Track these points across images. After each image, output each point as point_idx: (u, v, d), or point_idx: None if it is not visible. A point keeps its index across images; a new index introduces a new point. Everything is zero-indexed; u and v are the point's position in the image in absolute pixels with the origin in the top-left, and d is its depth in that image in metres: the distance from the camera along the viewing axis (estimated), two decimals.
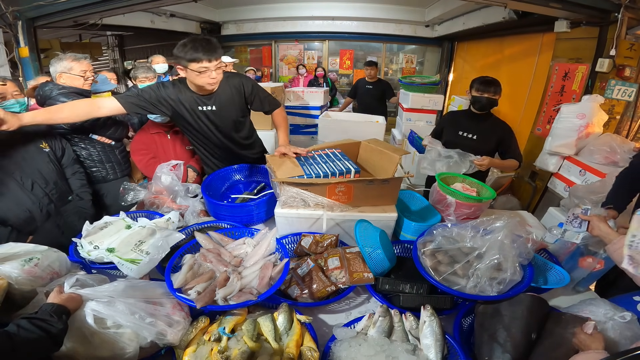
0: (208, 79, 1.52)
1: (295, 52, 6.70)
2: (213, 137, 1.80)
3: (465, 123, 2.09)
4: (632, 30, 2.35)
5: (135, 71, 2.83)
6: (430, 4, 5.16)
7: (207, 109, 1.67)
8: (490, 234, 1.16)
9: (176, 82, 1.66)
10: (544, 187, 2.87)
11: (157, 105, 1.63)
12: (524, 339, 0.93)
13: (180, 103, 1.64)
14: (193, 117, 1.68)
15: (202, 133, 1.77)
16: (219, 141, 1.82)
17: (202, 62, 1.47)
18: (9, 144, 1.53)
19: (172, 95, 1.63)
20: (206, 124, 1.73)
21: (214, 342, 0.94)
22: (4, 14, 2.77)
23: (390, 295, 1.18)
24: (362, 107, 4.45)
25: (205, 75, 1.50)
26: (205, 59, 1.46)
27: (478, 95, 1.95)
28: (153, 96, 1.62)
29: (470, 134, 2.04)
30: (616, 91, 2.44)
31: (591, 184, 2.07)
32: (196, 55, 1.45)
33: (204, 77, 1.51)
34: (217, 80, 1.57)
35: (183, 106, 1.65)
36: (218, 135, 1.79)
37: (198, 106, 1.66)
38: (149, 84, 2.75)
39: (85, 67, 1.96)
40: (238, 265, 1.20)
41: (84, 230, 1.36)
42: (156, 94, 1.62)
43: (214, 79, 1.53)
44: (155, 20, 4.90)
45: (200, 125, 1.73)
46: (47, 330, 0.77)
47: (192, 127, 1.74)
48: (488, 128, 2.01)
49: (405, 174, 2.35)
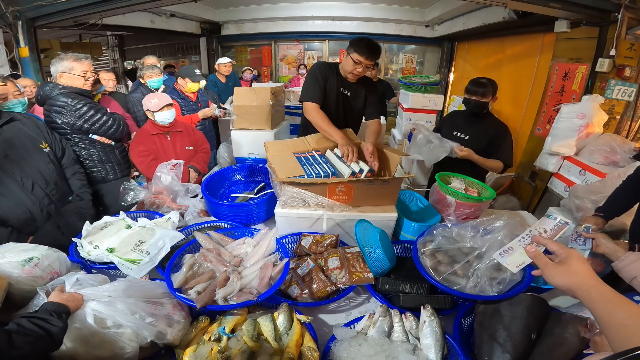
0: (355, 70, 1.80)
1: (295, 52, 6.70)
2: (340, 117, 2.01)
3: (460, 123, 2.09)
4: (632, 30, 2.36)
5: (141, 70, 2.94)
6: (430, 4, 5.16)
7: (345, 92, 1.97)
8: (490, 234, 1.16)
9: (333, 64, 1.97)
10: (544, 187, 2.88)
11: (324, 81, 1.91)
12: (524, 339, 0.93)
13: (329, 78, 1.93)
14: (335, 94, 1.97)
15: (332, 108, 1.98)
16: (342, 122, 2.01)
17: (362, 57, 1.74)
18: (9, 144, 1.53)
19: (328, 74, 1.92)
20: (336, 103, 1.99)
21: (214, 342, 0.93)
22: (4, 14, 2.77)
23: (390, 295, 1.18)
24: None
25: (355, 67, 1.79)
26: (365, 57, 1.75)
27: (467, 98, 1.97)
28: (323, 77, 1.89)
29: (463, 134, 2.05)
30: (616, 91, 2.44)
31: (591, 184, 2.07)
32: (360, 49, 1.74)
33: (352, 67, 1.79)
34: (359, 75, 1.87)
35: (330, 82, 1.93)
36: (341, 117, 2.02)
37: (341, 87, 1.96)
38: (158, 79, 2.83)
39: (87, 68, 1.97)
40: (238, 265, 1.20)
41: (84, 230, 1.36)
42: (323, 74, 1.90)
43: (358, 73, 1.83)
44: (155, 20, 4.90)
45: (337, 103, 1.99)
46: (46, 329, 0.77)
47: (330, 101, 1.96)
48: (481, 128, 2.00)
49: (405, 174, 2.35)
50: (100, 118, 1.98)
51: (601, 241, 1.13)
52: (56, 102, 1.86)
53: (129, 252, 1.26)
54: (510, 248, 0.86)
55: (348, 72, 1.84)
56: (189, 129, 2.20)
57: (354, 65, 1.78)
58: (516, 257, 0.83)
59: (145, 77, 2.85)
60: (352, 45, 1.77)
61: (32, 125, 1.68)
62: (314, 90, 1.86)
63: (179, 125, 2.14)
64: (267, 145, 1.66)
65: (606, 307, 0.58)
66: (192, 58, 6.90)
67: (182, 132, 2.13)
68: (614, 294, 0.59)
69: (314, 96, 1.84)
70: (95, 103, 2.06)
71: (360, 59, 1.75)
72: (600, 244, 1.13)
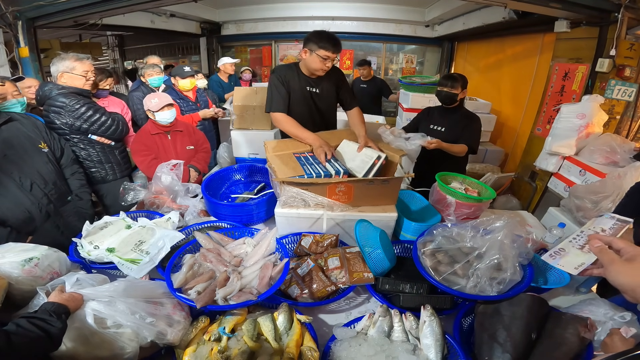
0: (323, 66, 1.77)
1: (295, 52, 6.69)
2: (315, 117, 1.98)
3: (436, 117, 2.26)
4: (632, 30, 2.36)
5: (142, 69, 2.94)
6: (430, 4, 5.15)
7: (313, 90, 1.92)
8: (490, 234, 1.16)
9: (292, 65, 1.93)
10: (544, 187, 2.87)
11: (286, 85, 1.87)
12: (524, 339, 0.92)
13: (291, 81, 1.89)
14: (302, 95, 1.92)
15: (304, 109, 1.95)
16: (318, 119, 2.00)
17: (329, 52, 1.72)
18: (7, 144, 1.53)
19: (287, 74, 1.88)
20: (307, 102, 1.94)
21: (214, 342, 0.93)
22: (4, 14, 2.77)
23: (390, 295, 1.18)
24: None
25: (323, 62, 1.76)
26: (332, 51, 1.72)
27: (438, 90, 2.16)
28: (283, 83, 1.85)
29: (439, 127, 2.22)
30: (616, 91, 2.44)
31: (591, 184, 2.07)
32: (328, 45, 1.71)
33: (321, 64, 1.76)
34: (326, 70, 1.84)
35: (294, 84, 1.89)
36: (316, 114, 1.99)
37: (307, 87, 1.91)
38: (158, 77, 2.83)
39: (87, 68, 1.97)
40: (238, 265, 1.20)
41: (84, 230, 1.36)
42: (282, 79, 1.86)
43: (327, 68, 1.81)
44: (155, 20, 4.90)
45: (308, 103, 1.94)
46: (45, 330, 0.77)
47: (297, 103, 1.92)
48: (456, 120, 2.16)
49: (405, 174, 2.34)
50: (99, 118, 1.98)
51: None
52: (55, 103, 1.86)
53: (129, 252, 1.26)
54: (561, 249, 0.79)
55: (317, 70, 1.81)
56: (190, 129, 2.20)
57: (323, 62, 1.75)
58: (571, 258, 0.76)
59: (146, 76, 2.85)
60: (314, 42, 1.73)
61: (31, 125, 1.68)
62: (277, 99, 1.84)
63: (180, 125, 2.14)
64: (267, 145, 1.66)
65: None
66: (192, 58, 6.90)
67: (183, 131, 2.13)
68: None
69: (278, 106, 1.82)
70: (94, 103, 2.06)
71: (328, 54, 1.72)
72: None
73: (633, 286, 0.59)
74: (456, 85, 2.09)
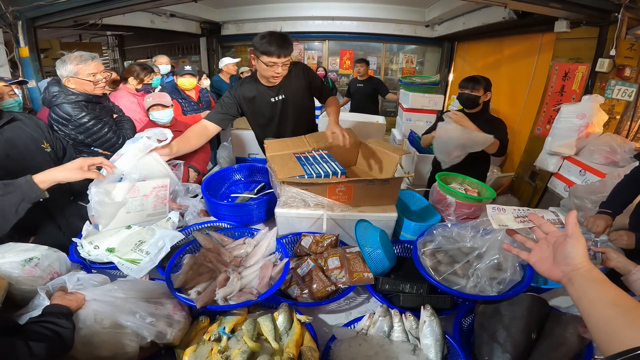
0: (273, 72, 1.61)
1: (295, 52, 6.70)
2: (288, 126, 1.83)
3: None
4: (632, 30, 2.36)
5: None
6: (430, 4, 5.16)
7: (279, 98, 1.76)
8: (490, 234, 1.16)
9: (247, 78, 1.77)
10: (544, 187, 2.88)
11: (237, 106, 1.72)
12: (524, 339, 0.93)
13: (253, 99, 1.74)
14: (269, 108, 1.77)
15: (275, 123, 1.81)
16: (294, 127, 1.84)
17: (272, 57, 1.55)
18: (10, 144, 1.53)
19: (246, 93, 1.73)
20: (278, 114, 1.79)
21: (214, 342, 0.93)
22: (4, 14, 2.77)
23: (390, 295, 1.18)
24: (354, 106, 4.45)
25: (271, 69, 1.59)
26: (275, 55, 1.54)
27: (460, 92, 2.03)
28: (232, 101, 1.72)
29: None
30: (616, 91, 2.44)
31: (591, 184, 2.07)
32: (269, 49, 1.53)
33: (270, 71, 1.60)
34: (282, 75, 1.66)
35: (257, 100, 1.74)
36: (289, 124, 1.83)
37: (271, 98, 1.75)
38: (156, 78, 2.81)
39: (94, 69, 1.79)
40: (238, 265, 1.20)
41: (84, 230, 1.36)
42: (233, 97, 1.71)
43: (278, 74, 1.63)
44: (155, 20, 4.90)
45: (274, 115, 1.79)
46: (57, 332, 0.77)
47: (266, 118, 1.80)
48: (479, 126, 2.00)
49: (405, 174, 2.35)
50: (105, 134, 1.90)
51: (612, 255, 1.10)
52: (60, 112, 1.79)
53: (129, 252, 1.26)
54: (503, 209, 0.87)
55: (269, 78, 1.65)
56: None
57: (270, 69, 1.58)
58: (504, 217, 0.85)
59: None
60: (256, 47, 1.56)
61: (34, 125, 1.67)
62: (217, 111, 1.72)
63: (180, 125, 2.14)
64: (267, 145, 1.66)
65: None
66: (192, 58, 6.90)
67: (183, 131, 2.13)
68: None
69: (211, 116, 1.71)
70: (101, 115, 1.93)
71: (272, 60, 1.55)
72: (611, 258, 1.10)
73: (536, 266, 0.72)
74: (478, 87, 1.97)
